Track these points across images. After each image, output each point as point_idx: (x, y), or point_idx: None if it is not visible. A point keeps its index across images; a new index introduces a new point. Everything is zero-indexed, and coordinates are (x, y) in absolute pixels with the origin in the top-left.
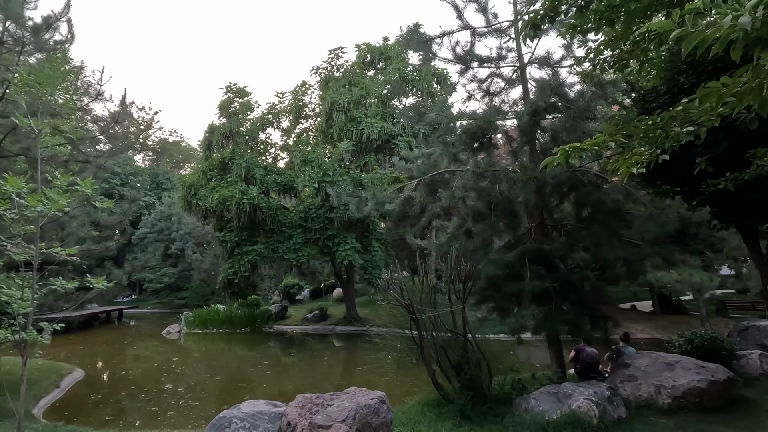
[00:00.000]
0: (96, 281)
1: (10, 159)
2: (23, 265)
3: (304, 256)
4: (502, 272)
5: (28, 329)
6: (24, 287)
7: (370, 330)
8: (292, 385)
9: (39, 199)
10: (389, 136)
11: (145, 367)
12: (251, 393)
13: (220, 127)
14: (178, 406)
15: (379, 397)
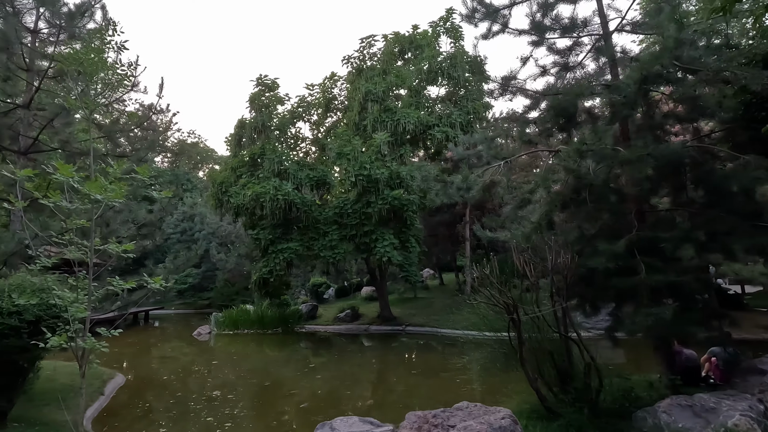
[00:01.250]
0: (155, 281)
1: (48, 154)
2: (75, 264)
3: (341, 253)
4: (612, 264)
5: (86, 335)
6: (78, 288)
7: (406, 330)
8: (349, 392)
9: (100, 186)
10: (425, 126)
11: (185, 371)
12: (310, 401)
13: (251, 121)
14: (234, 416)
15: (509, 415)
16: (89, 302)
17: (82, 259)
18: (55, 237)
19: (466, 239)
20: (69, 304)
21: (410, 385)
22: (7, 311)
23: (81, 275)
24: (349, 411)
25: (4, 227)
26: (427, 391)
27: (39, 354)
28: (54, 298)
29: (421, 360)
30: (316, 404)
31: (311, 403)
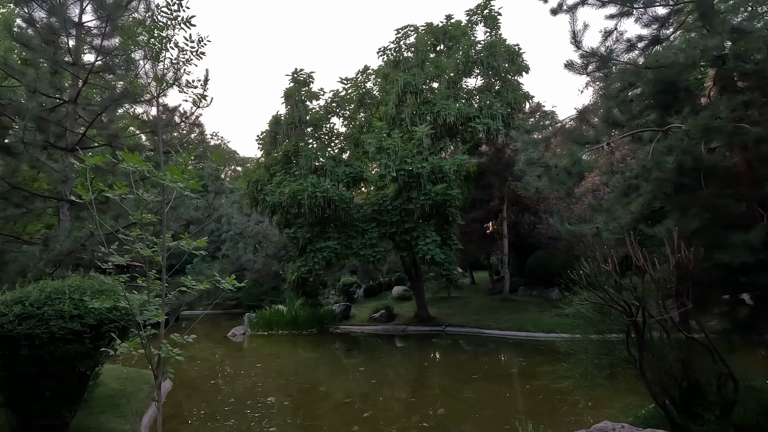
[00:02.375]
0: (228, 281)
1: (96, 151)
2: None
3: (380, 251)
4: (752, 259)
5: (162, 342)
6: (150, 290)
7: (446, 330)
8: (413, 399)
9: (175, 177)
10: (465, 118)
11: (230, 374)
12: (374, 410)
13: (287, 117)
14: (299, 426)
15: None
16: (163, 305)
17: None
18: (122, 233)
19: (504, 236)
20: (141, 307)
21: (478, 392)
22: (69, 315)
23: (151, 275)
24: (423, 422)
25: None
26: (499, 400)
27: (99, 360)
28: (122, 300)
29: (475, 362)
30: (383, 414)
31: (376, 412)
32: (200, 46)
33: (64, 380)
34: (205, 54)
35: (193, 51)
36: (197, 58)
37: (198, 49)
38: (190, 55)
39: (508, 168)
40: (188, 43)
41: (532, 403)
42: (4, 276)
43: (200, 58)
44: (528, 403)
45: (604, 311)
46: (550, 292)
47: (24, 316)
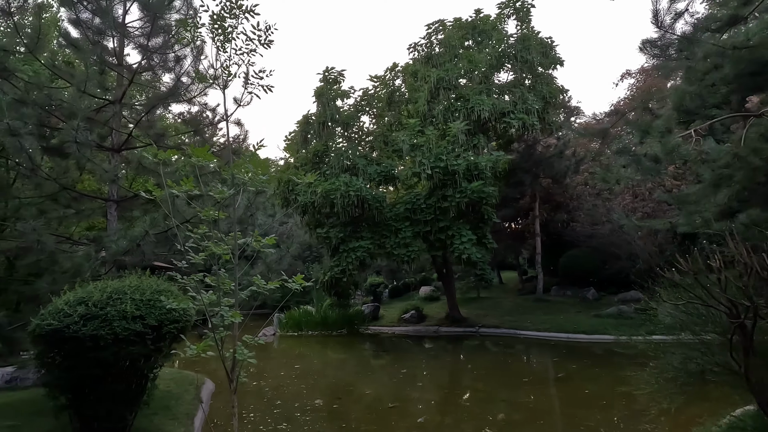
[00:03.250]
0: (296, 280)
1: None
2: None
3: (415, 251)
4: None
5: (237, 345)
6: (222, 289)
7: (480, 331)
8: (468, 404)
9: (246, 170)
10: (499, 113)
11: (271, 375)
12: (428, 415)
13: (318, 116)
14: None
15: None
16: (237, 304)
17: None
18: (189, 231)
19: (537, 234)
20: (217, 307)
21: (533, 397)
22: (131, 315)
23: (222, 274)
24: (485, 428)
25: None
26: (561, 406)
27: (159, 362)
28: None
29: (519, 365)
30: (438, 419)
31: (430, 417)
32: (267, 34)
33: (127, 382)
34: (273, 42)
35: (260, 40)
36: (265, 47)
37: (265, 37)
38: (257, 44)
39: (540, 164)
40: (255, 31)
41: (597, 409)
42: (59, 277)
43: (267, 47)
44: (593, 410)
45: (694, 312)
46: (586, 292)
47: (88, 316)
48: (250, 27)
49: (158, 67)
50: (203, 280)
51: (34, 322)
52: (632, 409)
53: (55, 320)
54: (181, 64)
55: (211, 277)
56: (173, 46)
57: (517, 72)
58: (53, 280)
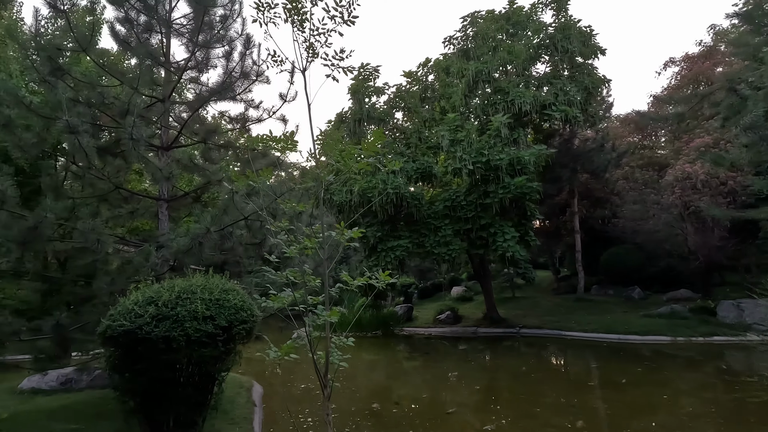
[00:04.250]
0: (382, 276)
1: (189, 149)
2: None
3: (456, 249)
4: None
5: (330, 347)
6: (304, 287)
7: (521, 332)
8: (538, 408)
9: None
10: (540, 106)
11: (315, 378)
12: (494, 422)
13: (353, 113)
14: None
15: None
16: (328, 302)
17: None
18: (270, 225)
19: (576, 231)
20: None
21: (607, 403)
22: (202, 316)
23: (308, 270)
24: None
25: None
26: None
27: (230, 364)
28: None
29: (577, 368)
30: (506, 427)
31: (499, 425)
32: (351, 10)
33: (198, 386)
34: (357, 18)
35: (342, 16)
36: (348, 25)
37: (348, 13)
38: (340, 21)
39: (579, 159)
40: (337, 6)
41: (690, 417)
42: (117, 277)
43: (351, 24)
44: (683, 418)
45: None
46: (631, 291)
47: (159, 317)
48: (332, 2)
49: (205, 63)
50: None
51: (105, 323)
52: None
53: (126, 321)
54: (230, 59)
55: (293, 271)
56: (222, 40)
57: (556, 63)
58: (111, 280)
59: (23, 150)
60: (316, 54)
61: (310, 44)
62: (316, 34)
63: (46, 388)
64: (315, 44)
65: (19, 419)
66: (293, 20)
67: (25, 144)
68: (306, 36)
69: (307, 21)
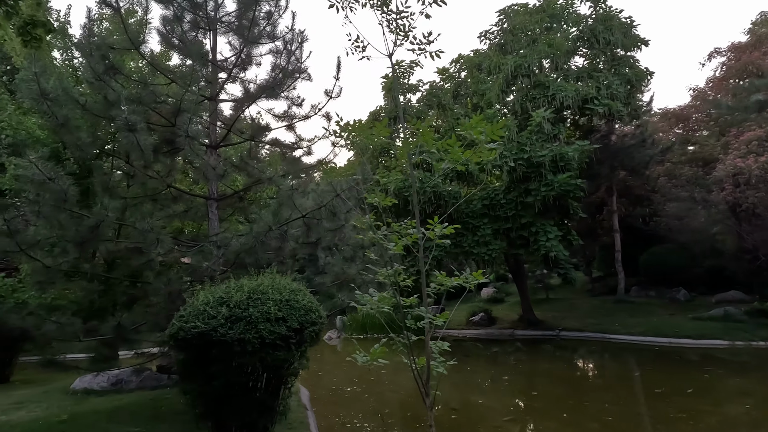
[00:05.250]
0: (475, 275)
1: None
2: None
3: (495, 249)
4: None
5: (432, 353)
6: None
7: (561, 335)
8: (609, 417)
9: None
10: (582, 100)
11: (359, 380)
12: (559, 429)
13: (390, 110)
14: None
15: None
16: (425, 300)
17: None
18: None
19: (615, 231)
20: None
21: (689, 414)
22: (275, 317)
23: (398, 269)
24: None
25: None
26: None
27: (300, 368)
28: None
29: (636, 373)
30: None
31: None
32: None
33: (270, 390)
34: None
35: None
36: (439, 4)
37: None
38: (426, 3)
39: (618, 155)
40: None
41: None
42: (174, 277)
43: (442, 3)
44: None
45: None
46: (675, 293)
47: (232, 318)
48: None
49: (249, 60)
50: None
51: (176, 325)
52: None
53: (200, 322)
54: (279, 55)
55: (383, 272)
56: (270, 36)
57: (594, 56)
58: (168, 280)
59: (81, 149)
60: (407, 36)
61: (400, 26)
62: (399, 17)
63: (98, 389)
64: (402, 26)
65: (79, 421)
66: (374, 2)
67: (83, 143)
68: (390, 19)
69: (391, 2)
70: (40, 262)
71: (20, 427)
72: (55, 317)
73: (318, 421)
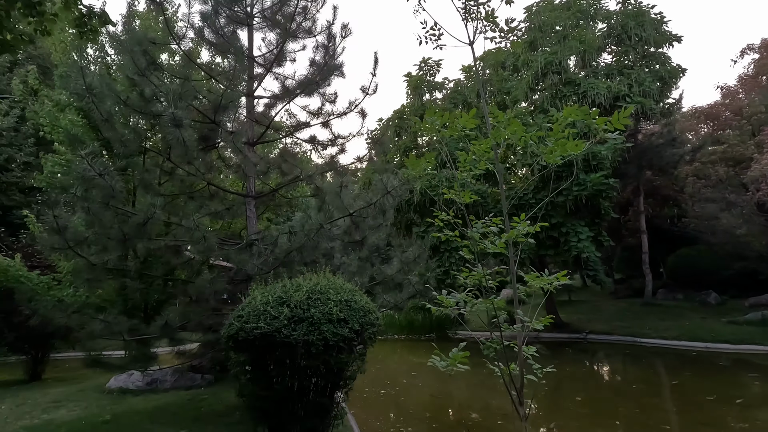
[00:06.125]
0: (559, 278)
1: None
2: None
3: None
4: None
5: (527, 359)
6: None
7: (588, 338)
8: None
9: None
10: (613, 97)
11: (394, 383)
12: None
13: (416, 108)
14: None
15: None
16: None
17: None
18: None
19: (642, 232)
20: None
21: (746, 421)
22: (336, 318)
23: (483, 270)
24: None
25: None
26: None
27: (357, 372)
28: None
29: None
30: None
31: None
32: None
33: (330, 394)
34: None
35: None
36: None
37: None
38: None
39: (646, 154)
40: None
41: None
42: (218, 276)
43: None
44: None
45: None
46: (706, 296)
47: (294, 319)
48: None
49: (284, 56)
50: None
51: (235, 325)
52: None
53: (263, 323)
54: (316, 52)
55: (465, 272)
56: (309, 30)
57: (625, 52)
58: (212, 279)
59: (125, 145)
60: (494, 22)
61: (486, 12)
62: (477, 4)
63: (134, 388)
64: (489, 12)
65: (122, 421)
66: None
67: (126, 139)
68: (469, 6)
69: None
70: (86, 259)
71: (65, 426)
72: (102, 316)
73: (362, 424)
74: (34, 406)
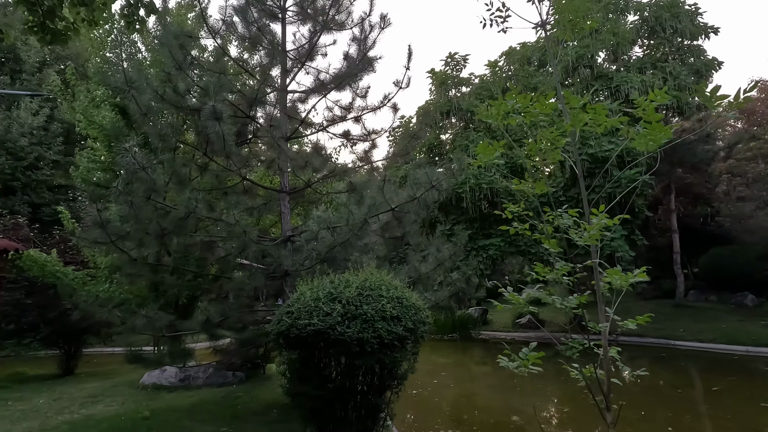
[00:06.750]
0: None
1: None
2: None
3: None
4: None
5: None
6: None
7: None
8: None
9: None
10: (647, 92)
11: (424, 383)
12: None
13: (442, 104)
14: None
15: None
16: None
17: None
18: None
19: (674, 231)
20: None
21: None
22: (390, 316)
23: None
24: None
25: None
26: None
27: (410, 370)
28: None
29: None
30: None
31: None
32: None
33: (381, 394)
34: None
35: None
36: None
37: None
38: None
39: (677, 150)
40: None
41: None
42: (256, 272)
43: None
44: None
45: None
46: (742, 298)
47: (348, 316)
48: None
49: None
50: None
51: (285, 321)
52: None
53: (316, 319)
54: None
55: (540, 267)
56: (342, 24)
57: (659, 45)
58: (251, 275)
59: (163, 140)
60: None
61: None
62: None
63: (167, 384)
64: None
65: (161, 417)
66: None
67: (165, 133)
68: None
69: None
70: (127, 254)
71: (106, 422)
72: (144, 311)
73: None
74: (71, 401)
